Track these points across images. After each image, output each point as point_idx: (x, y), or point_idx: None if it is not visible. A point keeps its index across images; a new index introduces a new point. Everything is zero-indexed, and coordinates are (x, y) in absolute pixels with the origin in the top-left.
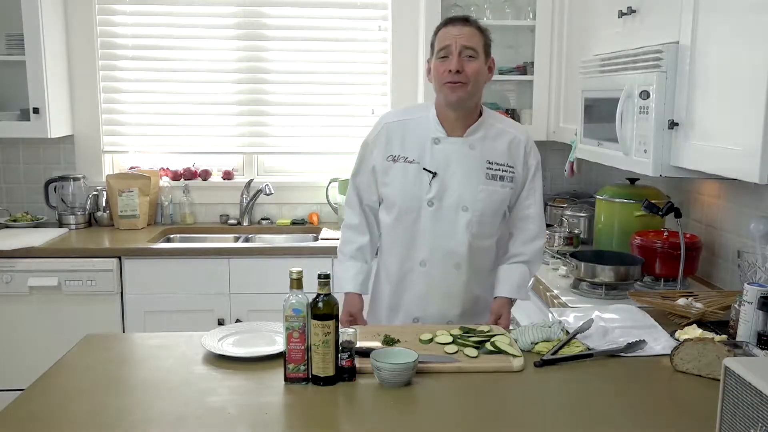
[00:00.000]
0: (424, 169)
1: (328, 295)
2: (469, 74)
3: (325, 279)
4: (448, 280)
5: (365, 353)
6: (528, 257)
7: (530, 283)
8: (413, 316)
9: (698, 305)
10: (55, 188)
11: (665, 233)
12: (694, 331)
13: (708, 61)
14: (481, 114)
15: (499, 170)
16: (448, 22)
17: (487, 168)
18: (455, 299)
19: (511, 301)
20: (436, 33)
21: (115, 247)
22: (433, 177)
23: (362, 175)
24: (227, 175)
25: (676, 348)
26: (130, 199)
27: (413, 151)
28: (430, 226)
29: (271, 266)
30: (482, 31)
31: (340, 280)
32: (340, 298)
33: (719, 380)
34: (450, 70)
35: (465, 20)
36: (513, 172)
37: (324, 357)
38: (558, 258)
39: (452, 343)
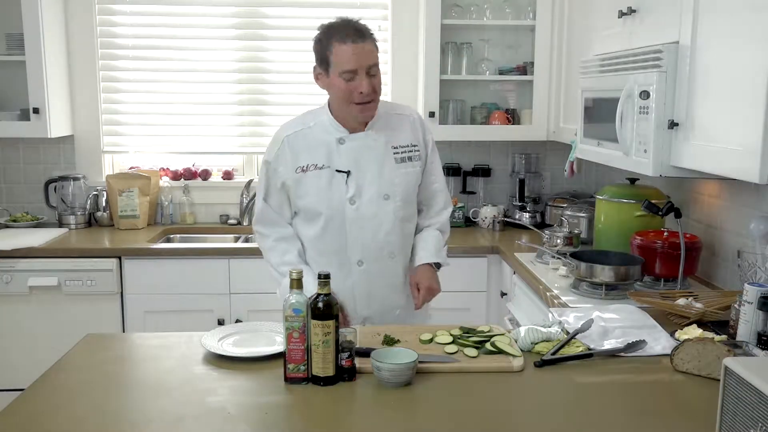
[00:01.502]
0: (337, 170)
1: (328, 295)
2: (377, 89)
3: (325, 279)
4: (386, 271)
5: (365, 353)
6: (439, 226)
7: (445, 249)
8: (362, 316)
9: (698, 305)
10: (55, 188)
11: (665, 233)
12: (694, 331)
13: (708, 61)
14: None
15: (405, 152)
16: (345, 37)
17: (394, 154)
18: (397, 289)
19: (433, 267)
20: (329, 44)
21: (115, 247)
22: (348, 176)
23: (273, 196)
24: (227, 175)
25: (676, 348)
26: (130, 199)
27: (320, 157)
28: (357, 224)
29: None
30: (374, 41)
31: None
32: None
33: (719, 380)
34: (362, 92)
35: (361, 34)
36: (418, 150)
37: (324, 357)
38: (558, 258)
39: (452, 343)
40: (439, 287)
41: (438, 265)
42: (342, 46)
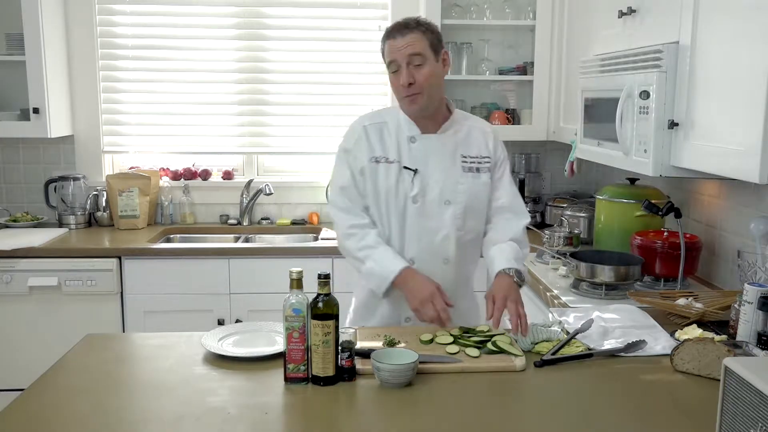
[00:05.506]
0: (405, 167)
1: (328, 295)
2: (422, 82)
3: (325, 279)
4: (436, 275)
5: (366, 354)
6: (512, 235)
7: (523, 262)
8: (405, 315)
9: (698, 305)
10: (55, 188)
11: (665, 233)
12: (694, 331)
13: (708, 61)
14: (450, 112)
15: (474, 162)
16: (389, 33)
17: (462, 162)
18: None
19: (512, 278)
20: (382, 45)
21: (115, 247)
22: (415, 174)
23: (353, 182)
24: (227, 175)
25: (676, 348)
26: (130, 199)
27: (392, 152)
28: (417, 222)
29: (271, 266)
30: (425, 31)
31: (383, 269)
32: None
33: (719, 380)
34: (403, 85)
35: (405, 27)
36: (489, 162)
37: (324, 357)
38: (558, 258)
39: (453, 343)
40: (519, 297)
41: (520, 279)
42: (387, 41)
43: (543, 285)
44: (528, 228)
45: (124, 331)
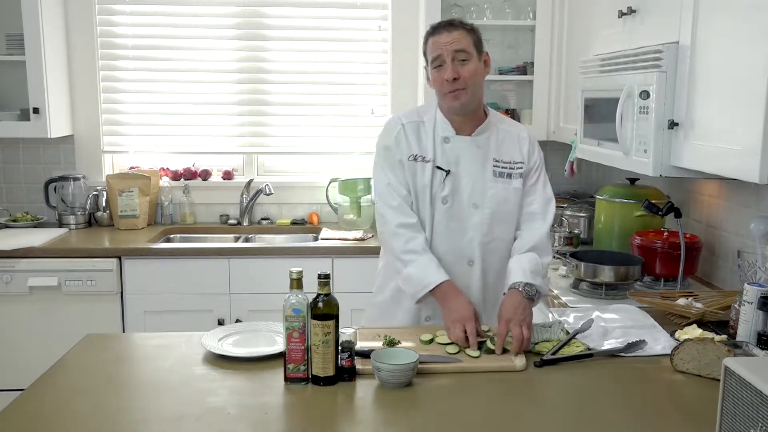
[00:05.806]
0: (438, 167)
1: (328, 295)
2: (467, 78)
3: (325, 279)
4: (460, 276)
5: (366, 354)
6: (532, 244)
7: (545, 272)
8: (426, 314)
9: (698, 305)
10: (55, 188)
11: (665, 233)
12: (694, 331)
13: (708, 61)
14: (486, 115)
15: (506, 167)
16: (434, 30)
17: (494, 166)
18: (470, 298)
19: (524, 295)
20: (425, 42)
21: (115, 247)
22: (447, 175)
23: (396, 176)
24: (227, 175)
25: (676, 348)
26: (130, 199)
27: (429, 151)
28: (445, 223)
29: (271, 266)
30: (469, 30)
31: (423, 277)
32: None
33: (719, 380)
34: (447, 80)
35: (450, 24)
36: (522, 168)
37: (324, 357)
38: (558, 258)
39: (453, 343)
40: (527, 318)
41: (533, 293)
42: (431, 38)
43: None
44: None
45: (124, 331)
